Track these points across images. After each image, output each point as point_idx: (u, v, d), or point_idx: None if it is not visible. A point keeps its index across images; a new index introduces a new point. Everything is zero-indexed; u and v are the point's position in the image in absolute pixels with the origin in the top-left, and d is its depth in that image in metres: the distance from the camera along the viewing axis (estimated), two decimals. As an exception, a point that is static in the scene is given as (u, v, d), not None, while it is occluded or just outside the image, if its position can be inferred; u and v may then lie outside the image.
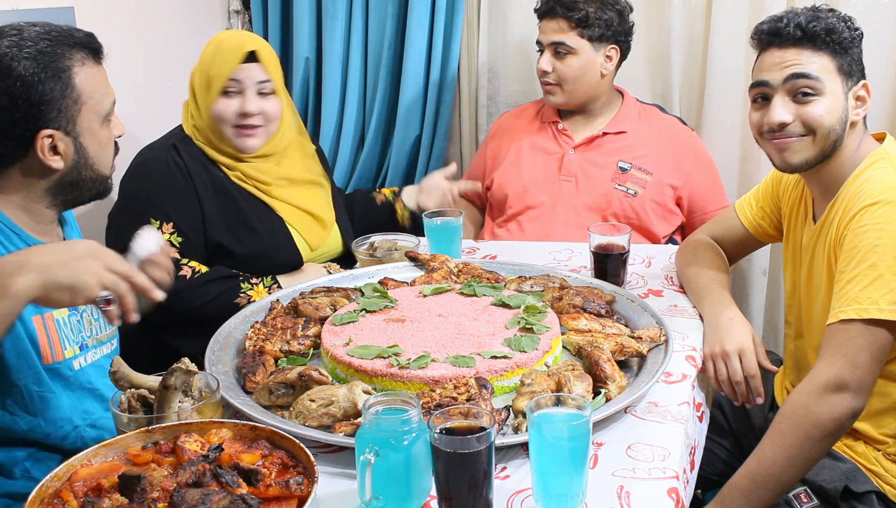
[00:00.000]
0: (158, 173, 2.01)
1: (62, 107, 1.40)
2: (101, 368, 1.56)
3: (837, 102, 1.58)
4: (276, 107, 2.07)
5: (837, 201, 1.62)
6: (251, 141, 2.06)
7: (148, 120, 2.47)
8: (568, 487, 1.18)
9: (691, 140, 2.49)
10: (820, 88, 1.58)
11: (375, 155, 2.94)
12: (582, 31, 2.36)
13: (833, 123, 1.58)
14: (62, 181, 1.46)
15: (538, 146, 2.51)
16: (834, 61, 1.58)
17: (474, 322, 1.62)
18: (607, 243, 1.91)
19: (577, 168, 2.44)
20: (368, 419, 1.18)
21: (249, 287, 1.98)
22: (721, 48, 2.56)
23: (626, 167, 2.42)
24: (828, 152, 1.61)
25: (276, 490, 1.10)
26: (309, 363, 1.61)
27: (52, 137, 1.41)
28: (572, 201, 2.43)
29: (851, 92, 1.60)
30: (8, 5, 2.09)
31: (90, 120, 1.44)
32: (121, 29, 2.50)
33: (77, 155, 1.44)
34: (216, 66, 2.02)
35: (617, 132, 2.46)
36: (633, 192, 2.41)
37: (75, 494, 1.11)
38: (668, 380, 1.55)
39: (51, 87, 1.38)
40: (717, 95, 2.60)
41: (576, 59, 2.38)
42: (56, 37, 1.42)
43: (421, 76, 2.80)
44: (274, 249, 2.08)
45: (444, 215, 2.12)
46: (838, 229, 1.58)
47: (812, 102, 1.58)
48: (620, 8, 2.41)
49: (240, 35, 2.09)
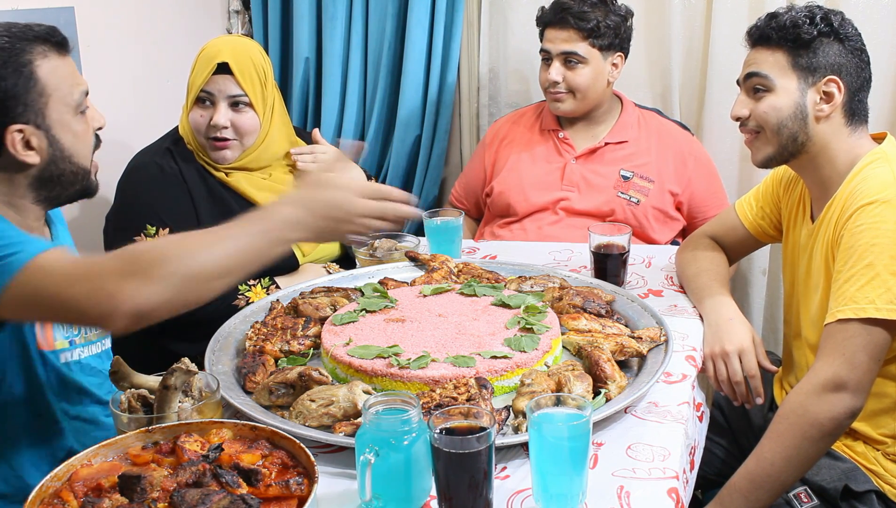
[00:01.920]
0: (153, 178, 2.01)
1: (28, 101, 1.39)
2: (88, 367, 1.56)
3: (788, 98, 1.61)
4: (249, 121, 2.02)
5: (835, 201, 1.62)
6: (224, 153, 2.03)
7: (147, 120, 2.47)
8: (568, 487, 1.18)
9: (691, 145, 2.49)
10: (769, 85, 1.63)
11: (375, 155, 2.94)
12: (593, 40, 2.35)
13: (783, 118, 1.62)
14: (42, 176, 1.45)
15: (539, 155, 2.49)
16: (788, 57, 1.61)
17: (474, 322, 1.62)
18: (607, 243, 1.91)
19: (580, 178, 2.44)
20: (368, 419, 1.18)
21: (247, 288, 1.98)
22: (721, 48, 2.56)
23: (628, 176, 2.41)
24: (790, 148, 1.64)
25: (276, 490, 1.10)
26: (309, 363, 1.61)
27: (23, 132, 1.40)
28: (575, 209, 2.43)
29: (814, 88, 1.61)
30: (8, 5, 2.09)
31: (60, 112, 1.43)
32: (121, 29, 2.50)
33: (52, 148, 1.43)
34: (193, 75, 2.02)
35: (618, 142, 2.45)
36: (635, 200, 2.41)
37: (75, 494, 1.11)
38: (668, 380, 1.55)
39: (13, 82, 1.37)
40: (718, 95, 2.60)
41: (587, 69, 2.37)
42: (15, 33, 1.41)
43: (421, 76, 2.80)
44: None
45: (444, 214, 2.12)
46: (835, 229, 1.59)
47: (762, 98, 1.64)
48: (624, 14, 2.41)
49: (220, 44, 2.04)
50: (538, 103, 2.58)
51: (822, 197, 1.67)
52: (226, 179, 2.06)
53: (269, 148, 2.09)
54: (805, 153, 1.65)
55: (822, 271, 1.64)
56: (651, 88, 2.73)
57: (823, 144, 1.64)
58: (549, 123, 2.51)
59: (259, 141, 2.07)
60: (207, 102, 2.01)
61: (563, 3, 2.38)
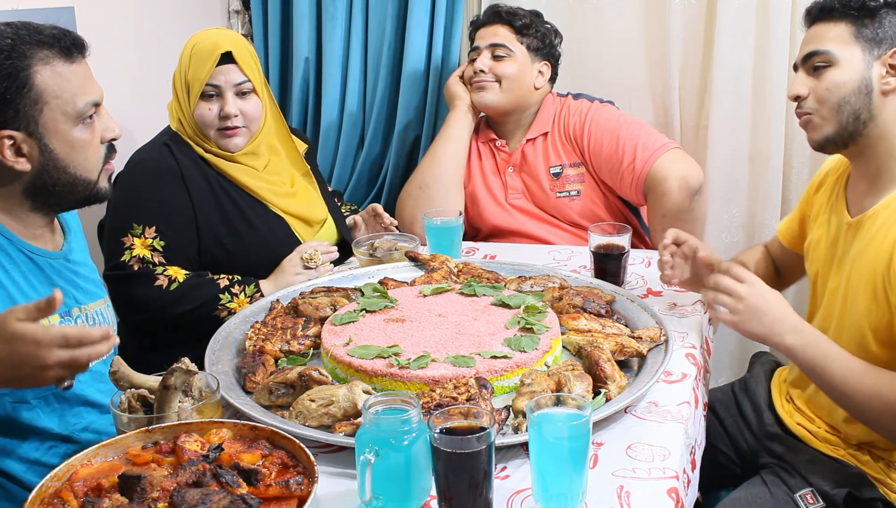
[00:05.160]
0: (147, 175, 2.01)
1: (20, 107, 1.36)
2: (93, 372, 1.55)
3: (853, 70, 1.53)
4: (255, 107, 2.07)
5: (892, 202, 1.54)
6: (235, 140, 2.07)
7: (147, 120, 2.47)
8: (568, 487, 1.18)
9: (591, 111, 2.42)
10: (830, 59, 1.55)
11: (375, 155, 2.93)
12: (521, 37, 2.42)
13: (845, 94, 1.54)
14: (34, 184, 1.42)
15: (486, 169, 2.53)
16: (852, 28, 1.53)
17: (474, 322, 1.62)
18: (607, 243, 1.92)
19: (522, 188, 2.48)
20: (368, 419, 1.18)
21: (229, 299, 1.97)
22: (727, 48, 2.55)
23: (558, 172, 2.42)
24: (850, 128, 1.55)
25: (276, 490, 1.10)
26: (309, 363, 1.61)
27: (14, 138, 1.37)
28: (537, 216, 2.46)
29: (880, 60, 1.53)
30: (8, 5, 2.09)
31: (55, 121, 1.39)
32: (121, 29, 2.51)
33: (43, 157, 1.40)
34: (193, 70, 2.03)
35: (537, 137, 2.46)
36: (575, 192, 2.41)
37: (75, 494, 1.11)
38: (668, 380, 1.55)
39: (6, 85, 1.34)
40: (725, 95, 2.58)
41: (514, 63, 2.41)
42: (21, 35, 1.38)
43: (421, 76, 2.80)
44: (275, 243, 2.09)
45: (444, 214, 2.12)
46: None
47: (822, 74, 1.56)
48: (554, 29, 2.49)
49: (214, 36, 2.05)
50: (481, 118, 2.59)
51: (871, 190, 1.59)
52: (225, 170, 2.08)
53: (270, 130, 2.15)
54: (865, 137, 1.55)
55: (869, 279, 1.54)
56: (651, 88, 2.72)
57: (887, 128, 1.54)
58: (485, 134, 2.54)
59: (263, 123, 2.11)
60: (213, 94, 2.03)
61: (496, 5, 2.49)
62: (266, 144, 2.14)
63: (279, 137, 2.19)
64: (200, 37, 2.06)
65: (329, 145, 2.96)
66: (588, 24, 2.70)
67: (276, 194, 2.12)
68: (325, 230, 2.23)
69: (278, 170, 2.17)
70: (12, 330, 1.20)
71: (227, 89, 2.02)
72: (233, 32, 2.13)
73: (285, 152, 2.21)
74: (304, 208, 2.17)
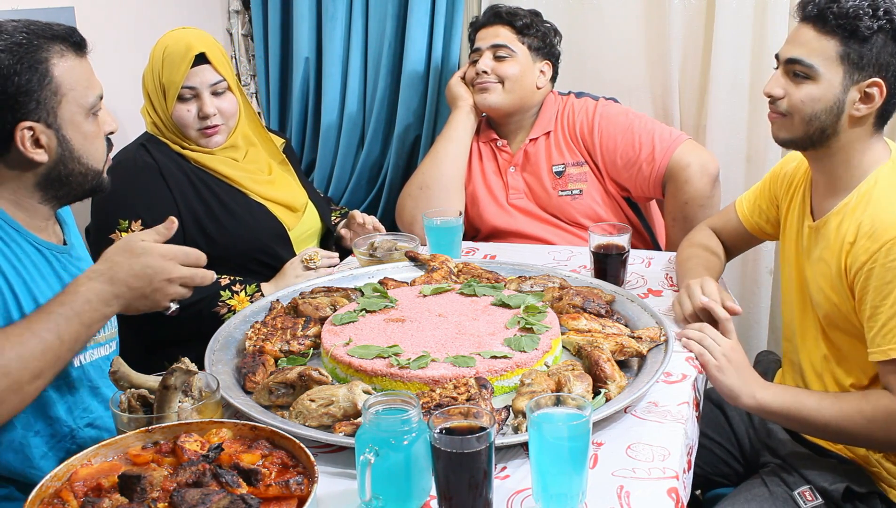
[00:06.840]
0: (127, 173, 2.02)
1: (40, 98, 1.39)
2: (100, 368, 1.56)
3: (830, 91, 1.56)
4: (231, 104, 2.12)
5: (847, 208, 1.59)
6: (215, 138, 2.12)
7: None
8: (568, 487, 1.18)
9: (598, 107, 2.43)
10: (812, 74, 1.57)
11: (375, 155, 2.93)
12: (522, 37, 2.42)
13: (818, 110, 1.57)
14: (50, 175, 1.45)
15: (486, 169, 2.53)
16: (840, 48, 1.54)
17: (474, 322, 1.62)
18: (607, 244, 1.92)
19: (524, 188, 2.48)
20: (368, 419, 1.18)
21: (230, 296, 1.99)
22: (725, 48, 2.55)
23: (560, 170, 2.42)
24: (815, 139, 1.60)
25: (276, 490, 1.10)
26: (309, 363, 1.61)
27: (34, 130, 1.40)
28: (538, 217, 2.46)
29: (857, 87, 1.55)
30: (8, 5, 2.09)
31: (72, 112, 1.43)
32: (121, 29, 2.50)
33: (61, 148, 1.44)
34: (167, 73, 2.04)
35: (540, 136, 2.46)
36: (577, 191, 2.41)
37: (75, 494, 1.11)
38: (667, 380, 1.55)
39: (27, 78, 1.38)
40: (722, 95, 2.58)
41: (516, 63, 2.41)
42: (34, 30, 1.41)
43: (421, 76, 2.80)
44: (257, 228, 2.12)
45: (444, 214, 2.12)
46: (856, 252, 1.54)
47: (801, 84, 1.58)
48: (554, 28, 2.49)
49: (186, 37, 2.07)
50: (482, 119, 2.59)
51: (828, 195, 1.65)
52: (204, 163, 2.11)
53: (245, 123, 2.19)
54: (826, 148, 1.61)
55: (827, 279, 1.62)
56: (651, 88, 2.72)
57: (846, 144, 1.59)
58: (486, 135, 2.54)
59: (240, 118, 2.16)
60: (189, 96, 2.05)
61: (496, 6, 2.48)
62: (242, 135, 2.18)
63: (253, 129, 2.23)
64: (170, 38, 2.08)
65: (329, 146, 2.96)
66: (588, 24, 2.70)
67: (255, 182, 2.16)
68: (307, 217, 2.26)
69: (255, 159, 2.21)
70: (142, 246, 1.40)
71: (204, 90, 2.06)
72: (201, 31, 2.14)
73: (261, 144, 2.25)
74: (282, 194, 2.21)
